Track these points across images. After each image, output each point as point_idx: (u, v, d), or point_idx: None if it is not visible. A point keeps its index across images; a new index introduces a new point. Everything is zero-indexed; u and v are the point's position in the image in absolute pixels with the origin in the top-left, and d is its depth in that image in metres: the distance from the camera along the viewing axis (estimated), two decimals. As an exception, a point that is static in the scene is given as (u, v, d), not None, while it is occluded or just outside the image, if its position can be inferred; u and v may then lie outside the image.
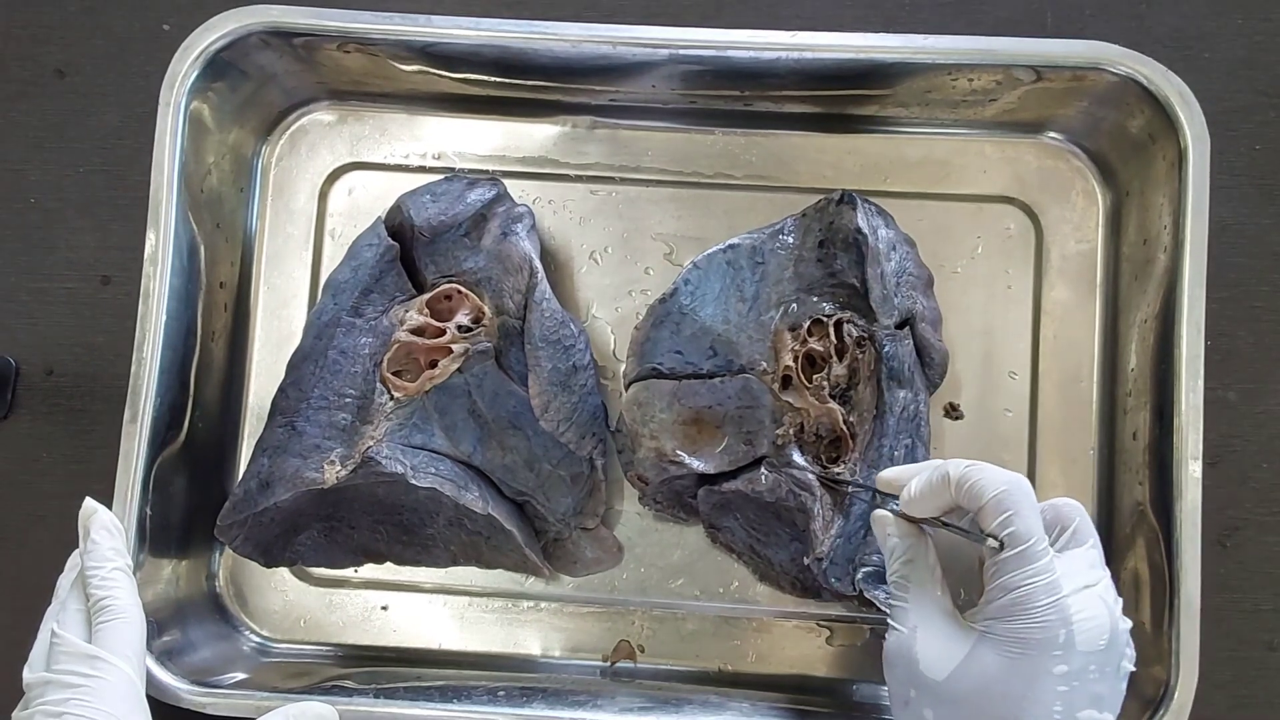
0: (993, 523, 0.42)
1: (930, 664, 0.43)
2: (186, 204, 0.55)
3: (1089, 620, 0.41)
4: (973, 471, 0.43)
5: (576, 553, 0.57)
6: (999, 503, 0.42)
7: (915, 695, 0.44)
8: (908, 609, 0.45)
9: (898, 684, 0.45)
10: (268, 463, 0.54)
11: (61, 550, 0.48)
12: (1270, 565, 0.57)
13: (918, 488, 0.45)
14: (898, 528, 0.46)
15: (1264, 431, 0.58)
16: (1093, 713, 0.41)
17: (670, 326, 0.54)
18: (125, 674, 0.44)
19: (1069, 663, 0.41)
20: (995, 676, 0.41)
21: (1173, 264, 0.53)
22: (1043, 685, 0.41)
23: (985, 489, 0.42)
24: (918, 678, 0.43)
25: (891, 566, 0.46)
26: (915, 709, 0.44)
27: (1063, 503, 0.45)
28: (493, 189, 0.57)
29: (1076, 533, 0.44)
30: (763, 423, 0.53)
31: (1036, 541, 0.42)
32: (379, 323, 0.56)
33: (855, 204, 0.54)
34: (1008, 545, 0.42)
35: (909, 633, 0.44)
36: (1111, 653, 0.42)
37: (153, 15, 0.62)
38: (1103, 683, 0.42)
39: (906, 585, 0.45)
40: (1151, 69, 0.54)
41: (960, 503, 0.44)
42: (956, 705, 0.42)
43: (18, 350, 0.60)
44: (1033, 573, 0.41)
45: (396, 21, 0.55)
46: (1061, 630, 0.41)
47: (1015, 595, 0.41)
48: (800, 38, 0.54)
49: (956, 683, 0.42)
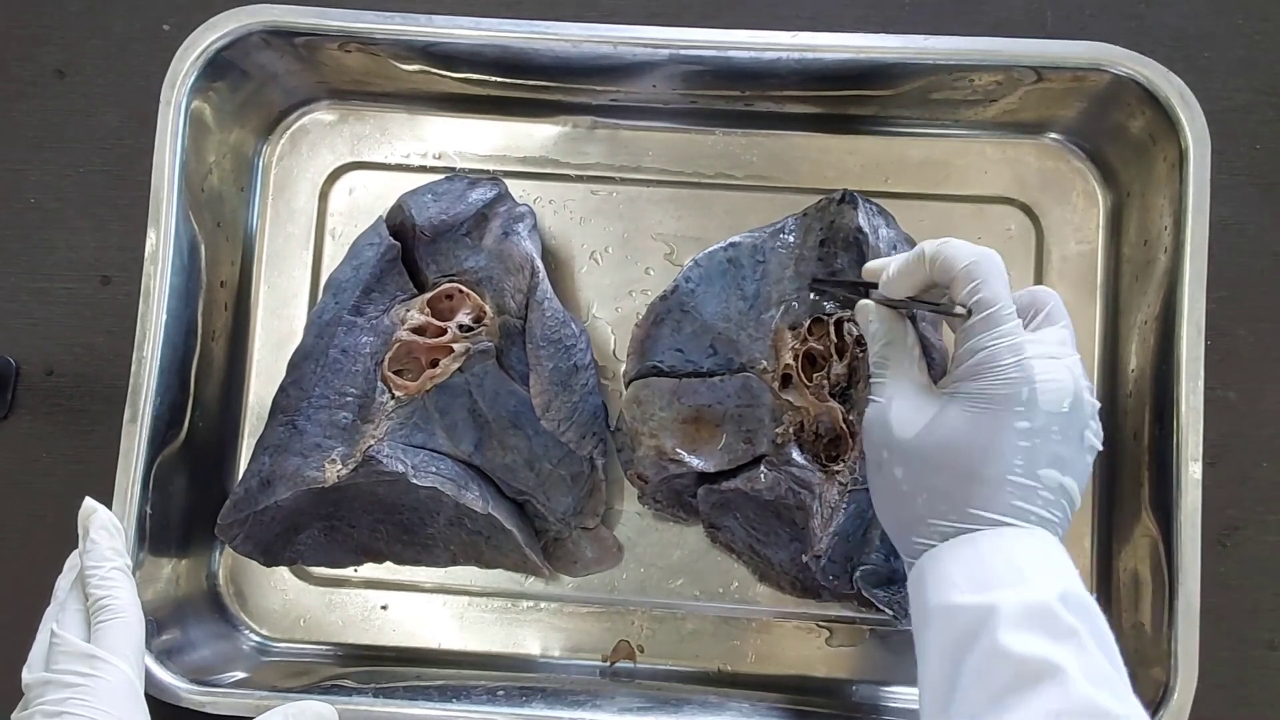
0: (962, 291, 0.44)
1: (901, 425, 0.45)
2: (187, 203, 0.55)
3: (1052, 382, 0.42)
4: (945, 247, 0.45)
5: (576, 553, 0.57)
6: (968, 272, 0.44)
7: (887, 456, 0.45)
8: (885, 383, 0.47)
9: (872, 449, 0.47)
10: (268, 461, 0.54)
11: (61, 550, 0.49)
12: (1270, 565, 0.57)
13: (895, 268, 0.47)
14: (878, 313, 0.48)
15: (1264, 431, 0.58)
16: (1054, 472, 0.42)
17: (671, 324, 0.54)
18: (124, 673, 0.44)
19: (1031, 419, 0.42)
20: (960, 430, 0.43)
21: (1173, 265, 0.53)
22: (1004, 438, 0.42)
23: (956, 260, 0.44)
24: (890, 439, 0.45)
25: (873, 349, 0.48)
26: (887, 470, 0.45)
27: (1040, 289, 0.47)
28: (494, 189, 0.57)
29: (1050, 314, 0.46)
30: (762, 421, 0.53)
31: (1003, 306, 0.43)
32: (380, 322, 0.56)
33: (856, 203, 0.54)
34: (975, 311, 0.43)
35: (885, 402, 0.46)
36: (1074, 417, 0.43)
37: (153, 15, 0.62)
38: (1065, 445, 0.43)
39: (886, 364, 0.47)
40: (1152, 70, 0.54)
41: (934, 277, 0.45)
42: (924, 460, 0.44)
43: (18, 350, 0.60)
44: (998, 334, 0.43)
45: (397, 21, 0.55)
46: (1024, 388, 0.42)
47: (980, 356, 0.43)
48: (801, 38, 0.54)
49: (924, 439, 0.44)
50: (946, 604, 0.41)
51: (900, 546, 0.46)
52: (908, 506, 0.45)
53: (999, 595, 0.40)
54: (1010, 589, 0.40)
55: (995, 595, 0.40)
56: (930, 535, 0.44)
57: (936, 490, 0.43)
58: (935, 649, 0.41)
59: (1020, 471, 0.42)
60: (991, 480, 0.42)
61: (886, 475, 0.45)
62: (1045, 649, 0.38)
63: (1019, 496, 0.42)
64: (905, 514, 0.45)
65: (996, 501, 0.42)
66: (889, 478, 0.45)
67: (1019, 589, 0.40)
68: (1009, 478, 0.42)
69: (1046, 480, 0.42)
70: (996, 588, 0.40)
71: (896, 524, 0.46)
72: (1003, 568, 0.41)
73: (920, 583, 0.43)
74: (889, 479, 0.45)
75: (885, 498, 0.46)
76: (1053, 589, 0.40)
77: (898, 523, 0.46)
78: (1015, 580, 0.40)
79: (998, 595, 0.40)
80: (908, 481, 0.44)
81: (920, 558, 0.44)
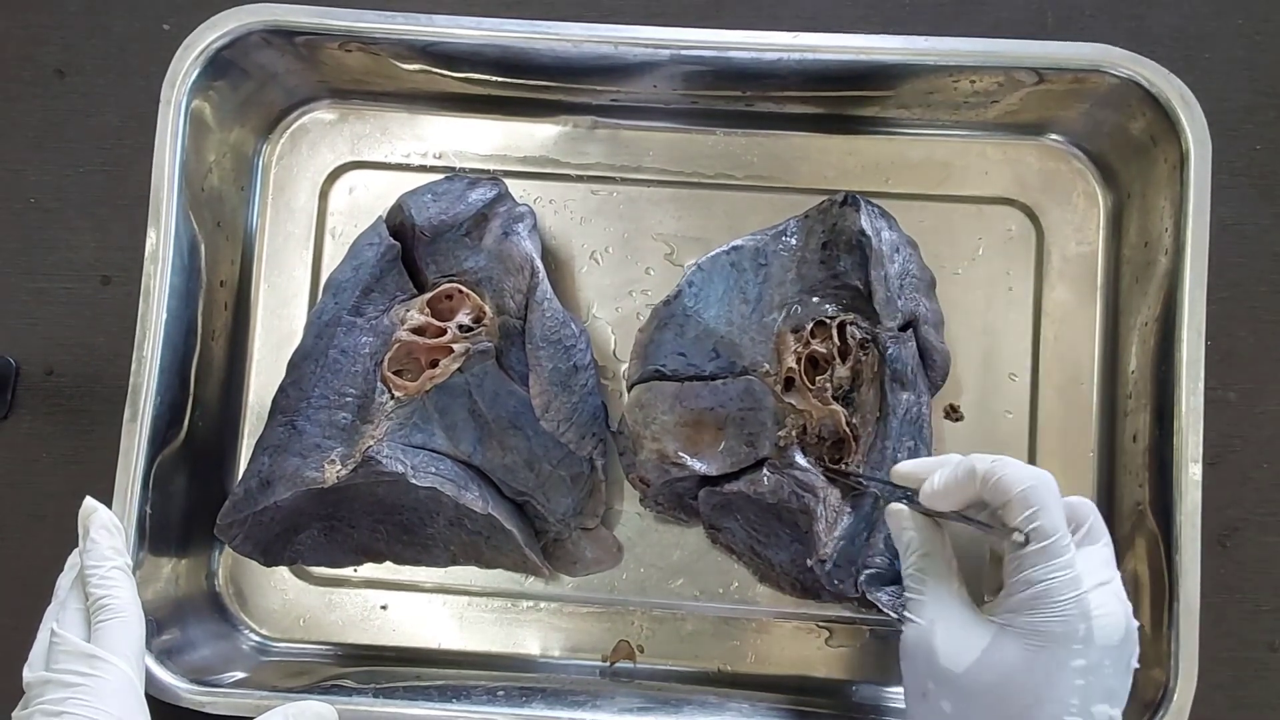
0: (1018, 517, 0.42)
1: (950, 656, 0.43)
2: (187, 202, 0.55)
3: (1107, 616, 0.42)
4: (999, 466, 0.43)
5: (576, 553, 0.57)
6: (1025, 498, 0.42)
7: (933, 688, 0.44)
8: (925, 602, 0.45)
9: (915, 677, 0.45)
10: (268, 461, 0.54)
11: (61, 550, 0.48)
12: (1270, 565, 0.57)
13: (941, 481, 0.45)
14: (914, 521, 0.46)
15: (1264, 431, 0.58)
16: (1105, 707, 0.42)
17: (674, 328, 0.54)
18: (124, 673, 0.44)
19: (1087, 657, 0.41)
20: (1016, 668, 0.42)
21: (1174, 267, 0.53)
22: (1061, 678, 0.41)
23: (1012, 484, 0.43)
24: (936, 670, 0.43)
25: (907, 560, 0.46)
26: (933, 701, 0.44)
27: (1078, 501, 0.45)
28: (494, 189, 0.57)
29: (1091, 531, 0.44)
30: (765, 424, 0.53)
31: (1061, 537, 0.42)
32: (380, 322, 0.56)
33: (859, 206, 0.54)
34: (1033, 540, 0.42)
35: (927, 625, 0.44)
36: (1125, 648, 0.42)
37: (153, 15, 0.62)
38: (1116, 678, 0.42)
39: (924, 579, 0.45)
40: (1153, 71, 0.54)
41: (985, 497, 0.44)
42: (976, 697, 0.42)
43: (18, 350, 0.60)
44: (1056, 567, 0.42)
45: (398, 21, 0.55)
46: (1081, 625, 0.41)
47: (1038, 589, 0.42)
48: (802, 39, 0.54)
49: (977, 675, 0.42)
50: None
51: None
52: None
53: None
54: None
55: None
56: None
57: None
58: None
59: (1076, 710, 0.41)
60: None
61: (933, 707, 0.44)
62: None
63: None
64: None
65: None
66: (937, 711, 0.44)
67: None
68: (1065, 718, 0.41)
69: (1098, 716, 0.42)
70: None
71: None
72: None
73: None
74: (937, 713, 0.44)
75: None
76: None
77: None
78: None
79: None
80: (957, 717, 0.43)
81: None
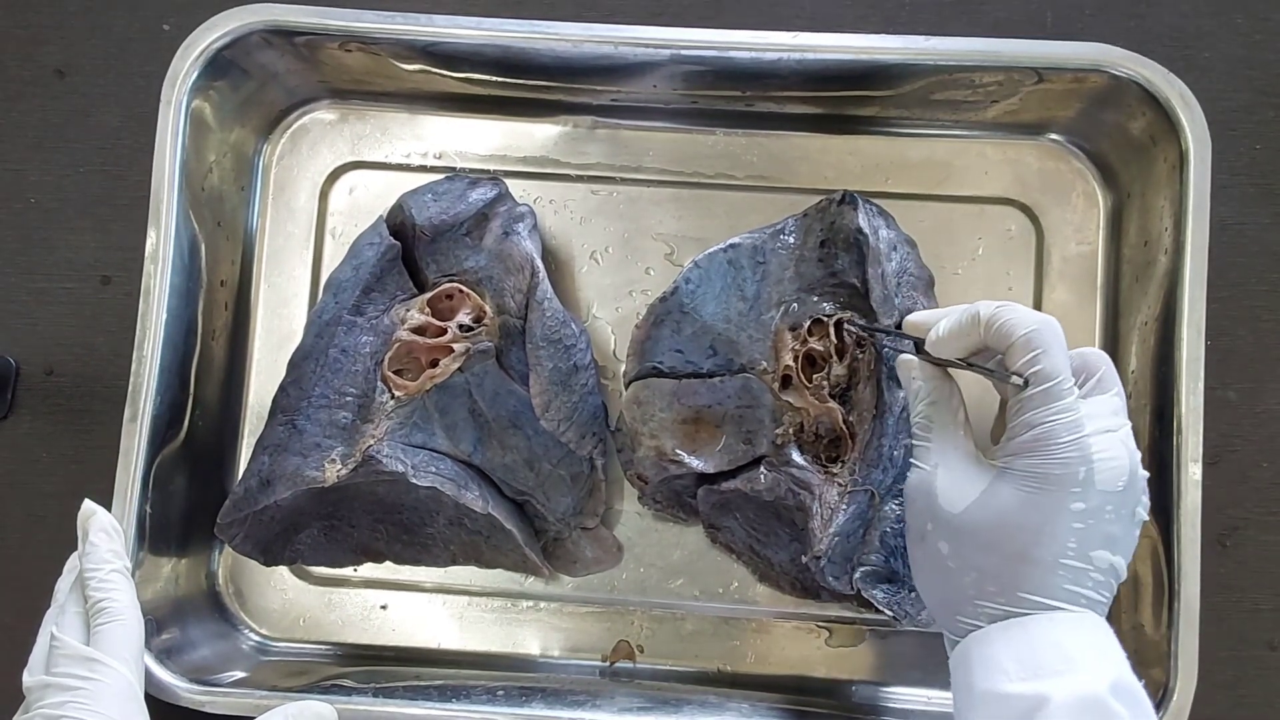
0: (1020, 360, 0.42)
1: (948, 498, 0.43)
2: (187, 202, 0.55)
3: (1109, 460, 0.41)
4: (1004, 311, 0.43)
5: (576, 553, 0.57)
6: (1028, 341, 0.42)
7: (931, 529, 0.44)
8: (930, 448, 0.45)
9: (916, 518, 0.45)
10: (268, 461, 0.54)
11: (61, 551, 0.48)
12: (1270, 565, 0.57)
13: (946, 328, 0.45)
14: (923, 370, 0.46)
15: (1264, 431, 0.58)
16: (1105, 553, 0.41)
17: (671, 325, 0.54)
18: (123, 675, 0.44)
19: (1086, 500, 0.41)
20: (1012, 510, 0.42)
21: (1173, 267, 0.53)
22: (1059, 521, 0.41)
23: (1016, 327, 0.42)
24: (936, 511, 0.44)
25: (915, 408, 0.46)
26: (931, 543, 0.44)
27: (1090, 351, 0.45)
28: (494, 188, 0.57)
29: (1102, 380, 0.44)
30: (762, 422, 0.53)
31: (1063, 380, 0.42)
32: (380, 321, 0.56)
33: (857, 204, 0.54)
34: (1033, 382, 0.42)
35: (930, 470, 0.44)
36: (1129, 495, 0.42)
37: (153, 15, 0.62)
38: (1117, 524, 0.42)
39: (930, 426, 0.45)
40: (1153, 71, 0.54)
41: (989, 342, 0.44)
42: (972, 537, 0.42)
43: (18, 350, 0.60)
44: (1057, 410, 0.41)
45: (398, 21, 0.55)
46: (1081, 468, 0.41)
47: (1038, 431, 0.41)
48: (802, 38, 0.54)
49: (973, 515, 0.43)
50: (995, 691, 0.40)
51: (942, 622, 0.45)
52: (953, 584, 0.43)
53: (1050, 685, 0.39)
54: (1062, 678, 0.39)
55: (1046, 685, 0.39)
56: (977, 616, 0.42)
57: (985, 570, 0.42)
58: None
59: (1073, 554, 0.41)
60: (1043, 563, 0.41)
61: (931, 549, 0.44)
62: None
63: (1071, 580, 0.41)
64: (950, 592, 0.44)
65: (1048, 585, 0.41)
66: (933, 552, 0.44)
67: (1071, 678, 0.39)
68: (1062, 561, 0.41)
69: (1098, 562, 0.41)
70: (1047, 676, 0.39)
71: (940, 600, 0.45)
72: (1054, 656, 0.40)
73: (965, 664, 0.42)
74: (933, 553, 0.44)
75: (928, 571, 0.45)
76: (1105, 679, 0.39)
77: (941, 599, 0.45)
78: (1067, 668, 0.39)
79: (1049, 685, 0.39)
80: (954, 559, 0.43)
81: (965, 638, 0.43)
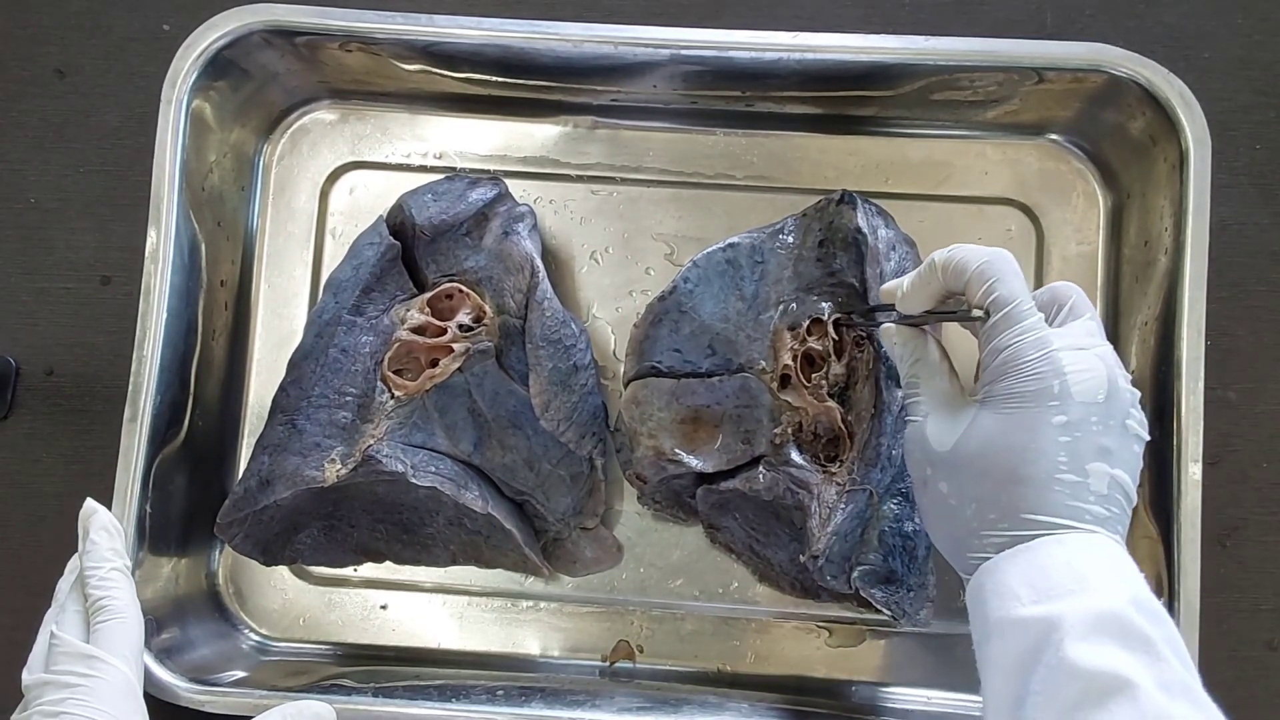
0: (978, 293, 0.43)
1: (940, 439, 0.44)
2: (188, 202, 0.55)
3: (1083, 372, 0.41)
4: (955, 252, 0.44)
5: (576, 553, 0.57)
6: (981, 273, 0.43)
7: (930, 473, 0.45)
8: (920, 400, 0.46)
9: (916, 467, 0.46)
10: (268, 461, 0.54)
11: (61, 550, 0.48)
12: (1270, 565, 0.57)
13: (908, 283, 0.46)
14: (900, 334, 0.47)
15: (1264, 431, 0.58)
16: (1102, 465, 0.41)
17: (669, 325, 0.54)
18: (122, 674, 0.44)
19: (1067, 413, 0.41)
20: (996, 433, 0.42)
21: (1173, 267, 0.53)
22: (1044, 435, 0.41)
23: (968, 264, 0.43)
24: (930, 454, 0.44)
25: (903, 370, 0.47)
26: (932, 486, 0.45)
27: (1060, 284, 0.46)
28: (494, 188, 0.57)
29: (1074, 308, 0.45)
30: (761, 422, 0.53)
31: (1021, 302, 0.42)
32: (380, 321, 0.56)
33: (855, 204, 0.54)
34: (993, 310, 0.43)
35: (921, 419, 0.45)
36: (1113, 405, 0.42)
37: (153, 15, 0.62)
38: (1108, 436, 0.41)
39: (917, 382, 0.46)
40: (1153, 71, 0.54)
41: (947, 285, 0.45)
42: (966, 469, 0.43)
43: (18, 350, 0.60)
44: (1020, 331, 0.42)
45: (399, 21, 0.55)
46: (1055, 380, 0.41)
47: (1005, 354, 0.42)
48: (802, 39, 0.54)
49: (962, 447, 0.43)
50: (1008, 618, 0.39)
51: (956, 563, 0.45)
52: (958, 520, 0.43)
53: (1063, 606, 0.38)
54: (1075, 598, 0.38)
55: (1059, 606, 0.38)
56: (985, 548, 0.42)
57: (984, 498, 0.42)
58: (999, 665, 0.39)
59: (1066, 468, 0.41)
60: (1037, 480, 0.41)
61: (932, 492, 0.44)
62: (1115, 660, 0.36)
63: (1069, 495, 0.41)
64: (956, 528, 0.43)
65: (1047, 502, 0.41)
66: (935, 494, 0.44)
67: (1084, 598, 0.38)
68: (1056, 476, 0.41)
69: (1095, 474, 0.41)
70: (1060, 597, 0.38)
71: (949, 540, 0.45)
72: (1065, 575, 0.39)
73: (979, 597, 0.42)
74: (935, 495, 0.44)
75: (934, 515, 0.45)
76: (1121, 595, 0.38)
77: (950, 538, 0.44)
78: (1079, 588, 0.38)
79: (1062, 606, 0.38)
80: (954, 495, 0.43)
81: (976, 571, 0.42)
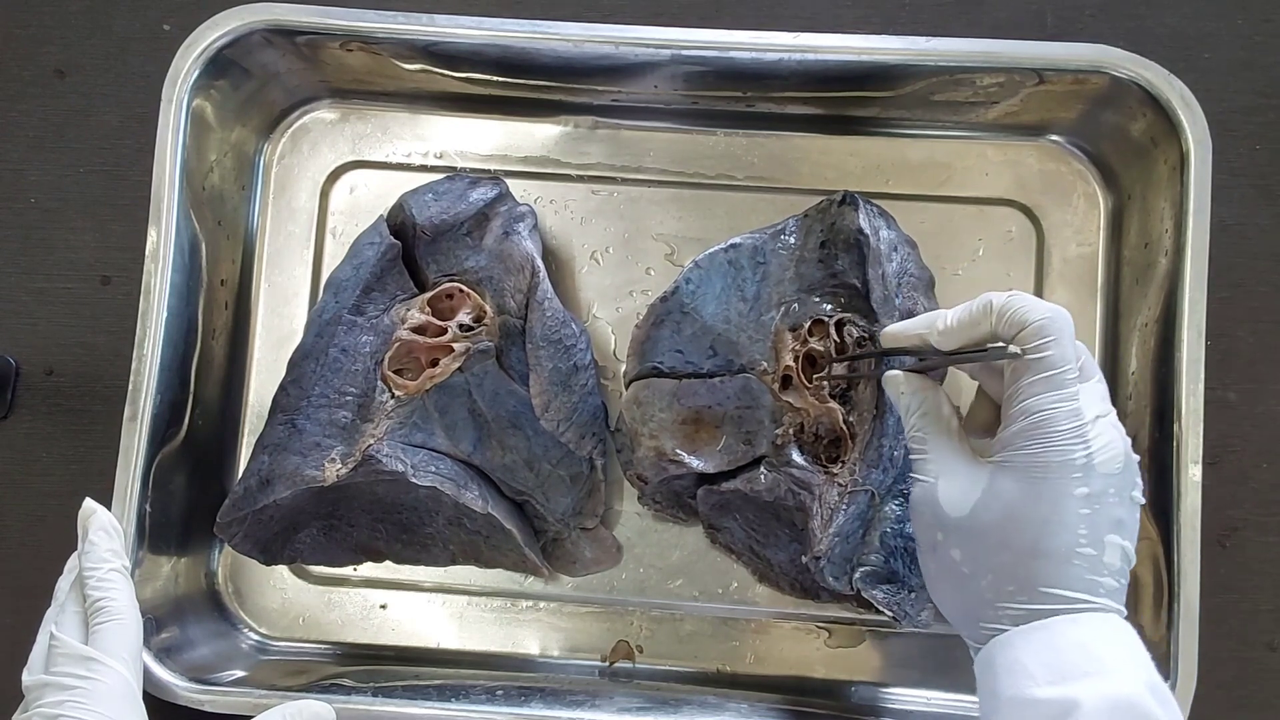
0: (1029, 346, 0.42)
1: (953, 503, 0.43)
2: (188, 201, 0.55)
3: (1106, 445, 0.41)
4: (1016, 299, 0.43)
5: (576, 553, 0.57)
6: (1040, 328, 0.42)
7: (942, 538, 0.44)
8: (928, 459, 0.45)
9: (924, 530, 0.45)
10: (268, 460, 0.54)
11: (61, 550, 0.48)
12: (1270, 565, 0.57)
13: (956, 319, 0.44)
14: (909, 383, 0.46)
15: (1264, 431, 0.58)
16: (1115, 537, 0.41)
17: (671, 325, 0.54)
18: (121, 675, 0.44)
19: (1089, 485, 0.41)
20: (1018, 502, 0.41)
21: (1174, 268, 0.53)
22: (1066, 508, 0.41)
23: (1029, 316, 0.42)
24: (943, 519, 0.43)
25: (909, 421, 0.46)
26: (943, 552, 0.44)
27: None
28: (495, 188, 0.57)
29: (1084, 369, 0.44)
30: (762, 422, 0.53)
31: (1069, 369, 0.41)
32: (380, 321, 0.56)
33: (857, 205, 0.54)
34: (1038, 369, 0.41)
35: (932, 481, 0.44)
36: (1126, 478, 0.42)
37: (153, 15, 0.62)
38: (1121, 507, 0.41)
39: (925, 438, 0.45)
40: (1154, 73, 0.54)
41: (998, 330, 0.43)
42: (983, 537, 0.42)
43: (18, 350, 0.60)
44: (1062, 398, 0.41)
45: (399, 20, 0.55)
46: (1081, 452, 0.41)
47: (1037, 418, 0.41)
48: (802, 39, 0.54)
49: (980, 515, 0.42)
50: (1022, 697, 0.39)
51: (965, 631, 0.44)
52: (970, 588, 0.42)
53: (1079, 689, 0.38)
54: (1091, 681, 0.38)
55: (1075, 689, 0.38)
56: (999, 619, 0.41)
57: (1002, 569, 0.41)
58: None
59: (1085, 541, 0.40)
60: (1058, 554, 0.40)
61: (943, 559, 0.43)
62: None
63: (1088, 569, 0.40)
64: (969, 597, 0.43)
65: (1066, 576, 0.40)
66: (946, 560, 0.43)
67: (1100, 681, 0.38)
68: (1076, 550, 0.40)
69: (1110, 546, 0.41)
70: (1076, 680, 0.38)
71: (960, 608, 0.44)
72: (1080, 657, 0.39)
73: (990, 670, 0.41)
74: (946, 562, 0.43)
75: (944, 581, 0.44)
76: (1137, 680, 0.38)
77: (961, 607, 0.44)
78: (1095, 670, 0.38)
79: (1078, 689, 0.38)
80: (968, 563, 0.42)
81: (988, 644, 0.42)
